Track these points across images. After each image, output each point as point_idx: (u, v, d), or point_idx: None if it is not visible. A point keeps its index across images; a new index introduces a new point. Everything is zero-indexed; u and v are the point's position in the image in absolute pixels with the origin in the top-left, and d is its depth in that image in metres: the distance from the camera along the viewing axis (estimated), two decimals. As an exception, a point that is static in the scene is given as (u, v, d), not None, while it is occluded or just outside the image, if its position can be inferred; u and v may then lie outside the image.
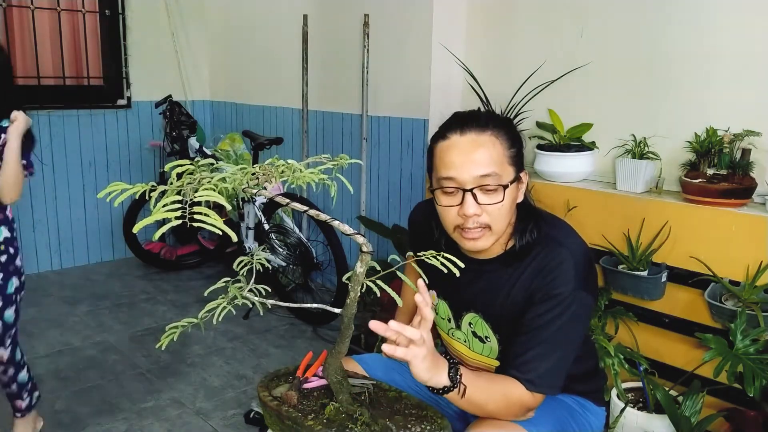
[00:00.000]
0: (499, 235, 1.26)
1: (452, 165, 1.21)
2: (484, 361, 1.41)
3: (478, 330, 1.38)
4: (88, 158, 3.96)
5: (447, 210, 1.25)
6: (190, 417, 2.34)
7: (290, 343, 2.99)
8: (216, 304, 1.07)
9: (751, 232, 1.86)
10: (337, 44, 3.33)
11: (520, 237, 1.28)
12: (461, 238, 1.26)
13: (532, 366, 1.21)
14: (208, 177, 0.90)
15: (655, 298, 2.02)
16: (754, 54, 2.00)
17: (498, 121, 1.26)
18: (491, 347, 1.37)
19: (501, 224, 1.24)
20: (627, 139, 2.24)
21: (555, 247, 1.25)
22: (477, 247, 1.26)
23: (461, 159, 1.21)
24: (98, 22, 3.96)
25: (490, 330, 1.35)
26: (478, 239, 1.24)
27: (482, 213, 1.21)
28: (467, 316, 1.39)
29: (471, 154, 1.21)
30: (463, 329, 1.42)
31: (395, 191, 3.12)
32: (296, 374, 1.27)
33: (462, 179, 1.21)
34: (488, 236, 1.24)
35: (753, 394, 1.67)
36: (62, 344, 2.91)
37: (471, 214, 1.21)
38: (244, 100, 4.18)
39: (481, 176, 1.20)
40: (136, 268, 4.00)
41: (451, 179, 1.22)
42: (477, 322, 1.37)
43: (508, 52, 2.71)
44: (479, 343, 1.39)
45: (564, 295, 1.21)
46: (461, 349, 1.45)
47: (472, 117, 1.25)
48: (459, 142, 1.22)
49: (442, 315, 1.46)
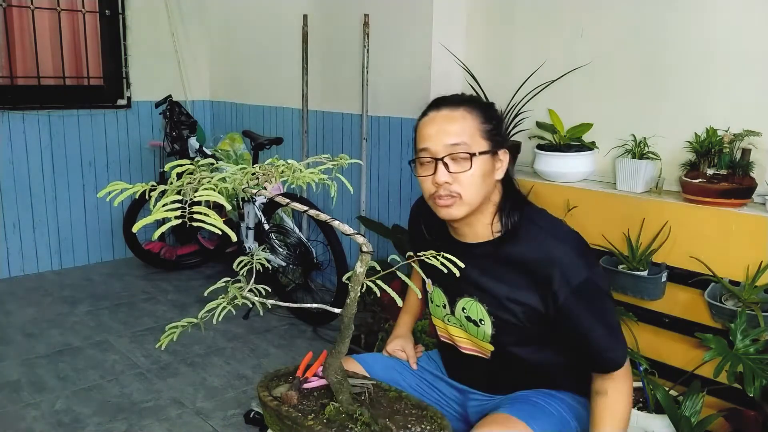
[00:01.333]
0: (471, 205, 1.32)
1: (427, 137, 1.32)
2: (479, 344, 1.44)
3: (472, 314, 1.41)
4: (88, 158, 3.96)
5: (424, 180, 1.34)
6: (190, 417, 2.34)
7: (290, 343, 2.99)
8: (216, 304, 1.08)
9: (751, 232, 1.86)
10: (337, 44, 3.33)
11: (505, 217, 1.36)
12: (436, 206, 1.34)
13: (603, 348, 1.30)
14: (208, 177, 0.90)
15: (655, 298, 2.01)
16: (754, 54, 2.00)
17: (475, 100, 1.38)
18: (485, 331, 1.40)
19: (471, 193, 1.30)
20: (627, 139, 2.24)
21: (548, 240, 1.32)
22: (451, 214, 1.32)
23: (434, 130, 1.32)
24: (98, 22, 3.96)
25: (486, 312, 1.39)
26: (451, 206, 1.31)
27: (453, 181, 1.30)
28: (461, 301, 1.43)
29: (443, 126, 1.31)
30: (456, 315, 1.45)
31: (395, 191, 3.12)
32: (296, 374, 1.27)
33: (434, 149, 1.30)
34: (460, 205, 1.31)
35: (753, 394, 1.67)
36: (62, 344, 2.91)
37: (442, 181, 1.29)
38: (244, 100, 4.18)
39: (451, 145, 1.29)
40: (136, 268, 4.00)
41: (426, 150, 1.32)
42: (471, 306, 1.41)
43: (508, 52, 2.71)
44: (473, 327, 1.42)
45: (584, 284, 1.28)
46: (458, 333, 1.48)
47: (449, 97, 1.38)
48: (435, 117, 1.34)
49: (438, 302, 1.50)
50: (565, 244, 1.30)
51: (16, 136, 3.68)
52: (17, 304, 3.37)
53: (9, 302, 3.40)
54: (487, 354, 1.44)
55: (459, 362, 1.54)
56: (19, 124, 3.68)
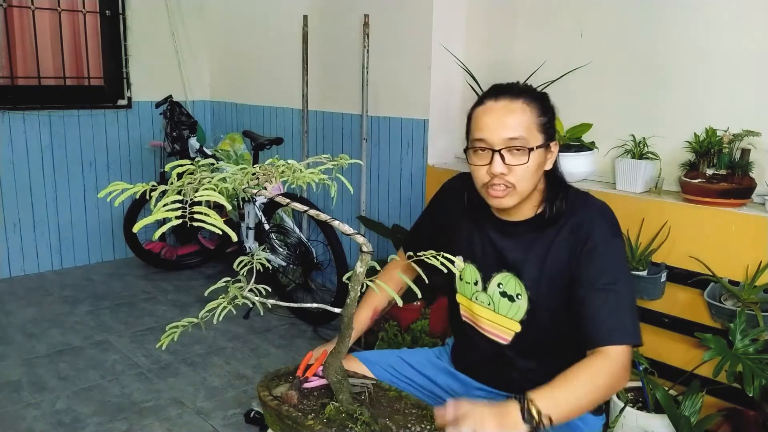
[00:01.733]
0: (522, 195, 1.34)
1: (485, 127, 1.33)
2: (506, 324, 1.44)
3: (509, 289, 1.42)
4: (88, 158, 3.97)
5: (477, 168, 1.35)
6: (190, 417, 2.34)
7: (290, 343, 2.99)
8: (216, 303, 1.08)
9: (751, 232, 1.86)
10: (337, 44, 3.33)
11: (550, 205, 1.37)
12: (488, 195, 1.36)
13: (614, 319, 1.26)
14: (208, 177, 0.91)
15: (655, 297, 2.02)
16: (753, 54, 2.00)
17: (532, 92, 1.37)
18: (519, 306, 1.41)
19: (525, 185, 1.33)
20: (626, 139, 2.24)
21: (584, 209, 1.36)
22: (502, 204, 1.35)
23: (493, 122, 1.32)
24: (98, 23, 3.96)
25: (523, 287, 1.40)
26: (503, 197, 1.33)
27: (509, 173, 1.31)
28: (497, 277, 1.44)
29: (502, 118, 1.31)
30: (489, 291, 1.45)
31: (395, 191, 3.12)
32: (296, 374, 1.28)
33: (492, 140, 1.31)
34: (512, 195, 1.33)
35: (752, 393, 1.67)
36: (62, 344, 2.92)
37: (498, 172, 1.31)
38: (244, 100, 4.18)
39: (509, 138, 1.30)
40: (137, 267, 4.00)
41: (482, 140, 1.32)
42: (509, 281, 1.42)
43: (508, 52, 2.71)
44: (507, 302, 1.43)
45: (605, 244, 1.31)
46: (483, 312, 1.48)
47: (508, 86, 1.37)
48: (493, 107, 1.33)
49: (468, 279, 1.50)
50: (603, 216, 1.35)
51: (16, 136, 3.68)
52: (18, 304, 3.37)
53: (9, 302, 3.41)
54: (507, 338, 1.44)
55: (473, 348, 1.53)
56: (20, 124, 3.68)
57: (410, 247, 1.40)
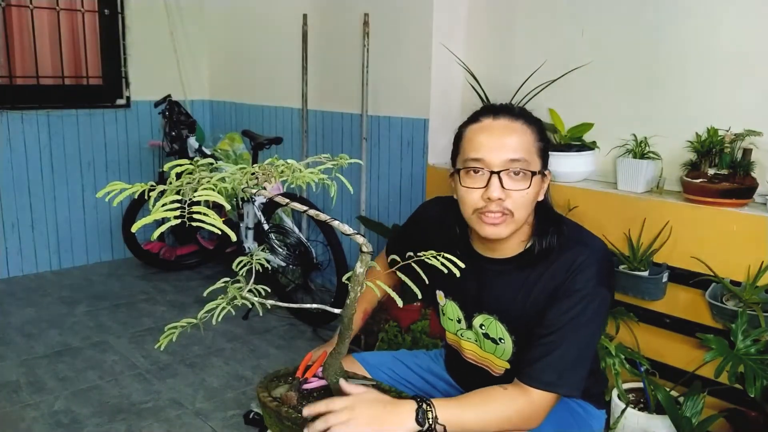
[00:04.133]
0: (518, 225, 1.23)
1: (482, 146, 1.21)
2: (495, 361, 1.38)
3: (491, 332, 1.35)
4: (87, 158, 3.96)
5: (469, 192, 1.22)
6: (189, 417, 2.33)
7: (290, 344, 2.98)
8: (215, 304, 1.07)
9: (752, 232, 1.85)
10: (337, 44, 3.32)
11: (540, 239, 1.26)
12: (480, 223, 1.22)
13: (553, 366, 1.18)
14: (207, 177, 0.90)
15: (656, 298, 2.01)
16: (754, 54, 1.99)
17: (529, 114, 1.28)
18: (504, 349, 1.34)
19: (522, 213, 1.22)
20: (628, 139, 2.24)
21: (577, 247, 1.24)
22: (497, 233, 1.22)
23: (493, 141, 1.20)
24: (97, 22, 3.95)
25: (506, 331, 1.32)
26: (499, 225, 1.21)
27: (506, 198, 1.20)
28: (479, 317, 1.36)
29: (503, 138, 1.21)
30: (473, 330, 1.38)
31: (395, 191, 3.11)
32: (296, 375, 1.27)
33: (490, 161, 1.20)
34: (509, 224, 1.22)
35: (754, 394, 1.66)
36: (61, 344, 2.91)
37: (495, 197, 1.19)
38: (243, 99, 4.17)
39: (510, 160, 1.19)
40: (135, 268, 3.99)
41: (479, 160, 1.20)
42: (490, 323, 1.34)
43: (508, 52, 2.70)
44: (491, 344, 1.36)
45: (585, 291, 1.20)
46: (472, 348, 1.42)
47: (506, 106, 1.27)
48: (492, 125, 1.23)
49: (451, 316, 1.42)
50: (596, 262, 1.22)
51: (15, 136, 3.67)
52: (16, 305, 3.36)
53: (8, 302, 3.40)
54: (498, 371, 1.39)
55: (464, 371, 1.50)
56: (18, 124, 3.67)
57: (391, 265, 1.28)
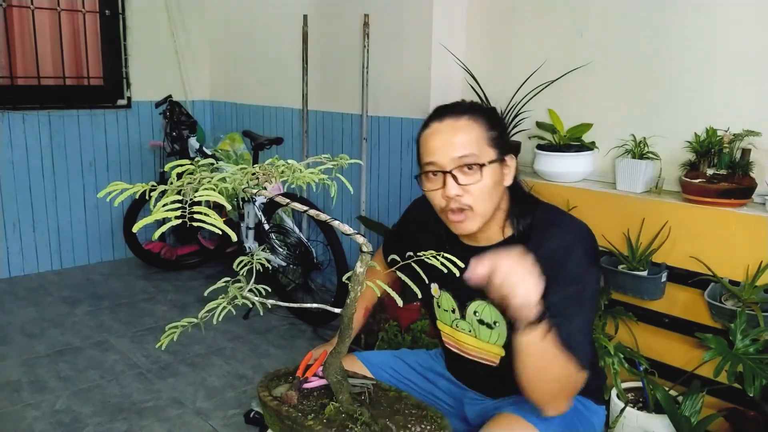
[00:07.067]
0: (484, 217, 1.29)
1: (433, 150, 1.28)
2: (490, 350, 1.41)
3: (485, 316, 1.39)
4: (88, 158, 3.96)
5: (432, 194, 1.30)
6: (190, 417, 2.34)
7: (290, 343, 2.99)
8: (216, 304, 1.07)
9: (751, 232, 1.86)
10: (337, 44, 3.33)
11: (516, 222, 1.32)
12: (449, 221, 1.31)
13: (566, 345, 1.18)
14: (208, 177, 0.90)
15: (655, 298, 2.02)
16: (754, 54, 2.00)
17: (477, 107, 1.33)
18: (499, 332, 1.38)
19: (483, 205, 1.28)
20: (627, 139, 2.24)
21: (559, 231, 1.29)
22: (465, 229, 1.29)
23: (440, 143, 1.27)
24: (98, 22, 3.96)
25: (500, 314, 1.36)
26: (464, 221, 1.28)
27: (464, 194, 1.26)
28: (473, 304, 1.40)
29: (449, 138, 1.27)
30: (467, 319, 1.42)
31: (395, 191, 3.12)
32: (296, 374, 1.27)
33: (442, 162, 1.27)
34: (473, 218, 1.28)
35: (753, 394, 1.67)
36: (62, 344, 2.91)
37: (452, 195, 1.26)
38: (244, 100, 4.18)
39: (459, 157, 1.25)
40: (136, 268, 4.00)
41: (433, 163, 1.28)
42: (484, 308, 1.38)
43: (508, 52, 2.71)
44: (486, 329, 1.39)
45: (579, 273, 1.24)
46: (467, 339, 1.45)
47: (450, 106, 1.33)
48: (438, 128, 1.29)
49: (446, 307, 1.46)
50: (581, 242, 1.27)
51: (16, 136, 3.68)
52: (17, 304, 3.37)
53: (9, 302, 3.40)
54: (495, 361, 1.41)
55: (463, 368, 1.52)
56: (20, 124, 3.68)
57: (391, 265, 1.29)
